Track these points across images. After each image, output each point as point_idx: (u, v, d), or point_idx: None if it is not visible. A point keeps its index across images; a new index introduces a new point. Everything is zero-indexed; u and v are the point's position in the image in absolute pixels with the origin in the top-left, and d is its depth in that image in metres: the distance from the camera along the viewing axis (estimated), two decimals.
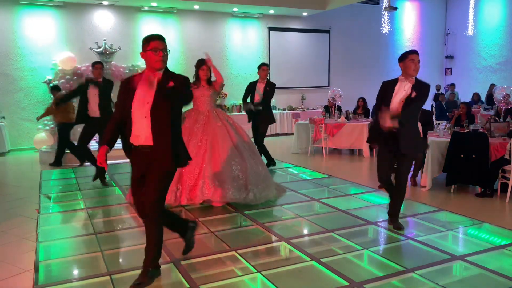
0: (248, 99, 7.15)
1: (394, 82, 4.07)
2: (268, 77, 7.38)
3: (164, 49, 2.99)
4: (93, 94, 6.02)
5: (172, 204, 4.70)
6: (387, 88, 4.08)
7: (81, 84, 6.33)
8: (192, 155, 4.29)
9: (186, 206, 4.83)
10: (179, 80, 2.99)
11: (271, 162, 7.21)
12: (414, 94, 3.88)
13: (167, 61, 3.01)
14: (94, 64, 6.15)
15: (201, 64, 5.17)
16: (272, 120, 7.21)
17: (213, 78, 5.26)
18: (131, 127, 3.00)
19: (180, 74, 3.06)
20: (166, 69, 3.03)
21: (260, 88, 7.09)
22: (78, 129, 7.37)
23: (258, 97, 7.06)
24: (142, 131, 2.96)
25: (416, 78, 3.98)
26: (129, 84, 3.04)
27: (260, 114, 7.02)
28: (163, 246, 3.74)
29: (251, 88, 7.18)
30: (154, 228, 3.06)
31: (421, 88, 3.92)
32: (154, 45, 2.96)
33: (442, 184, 5.93)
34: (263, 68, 7.14)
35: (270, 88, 7.08)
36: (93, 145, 7.60)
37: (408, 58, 3.93)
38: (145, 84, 2.99)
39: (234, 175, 4.85)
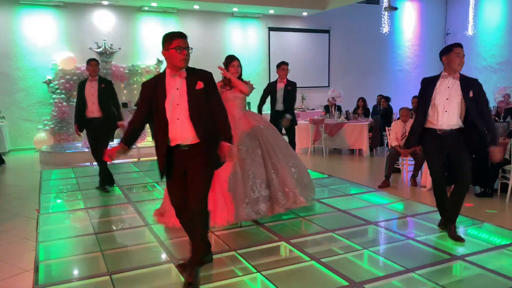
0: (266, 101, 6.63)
1: (435, 78, 3.78)
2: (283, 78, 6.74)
3: (187, 47, 2.93)
4: (89, 93, 5.67)
5: (243, 220, 4.20)
6: (428, 86, 3.80)
7: (80, 81, 5.93)
8: (246, 165, 4.26)
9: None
10: (207, 79, 2.99)
11: None
12: (471, 93, 3.65)
13: (189, 59, 2.96)
14: (89, 61, 5.82)
15: (231, 60, 4.57)
16: (295, 122, 6.73)
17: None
18: (165, 129, 2.93)
19: (204, 71, 3.04)
20: (189, 67, 2.99)
21: (280, 88, 6.62)
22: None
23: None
24: (176, 133, 2.93)
25: (460, 73, 3.74)
26: (157, 85, 2.95)
27: (285, 117, 6.51)
28: (163, 246, 3.75)
29: (270, 89, 6.69)
30: (201, 222, 3.03)
31: (470, 83, 3.69)
32: (178, 43, 2.89)
33: None
34: (283, 67, 6.64)
35: (292, 87, 6.59)
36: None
37: (453, 51, 3.66)
38: (172, 85, 2.94)
39: (295, 177, 4.50)
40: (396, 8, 12.51)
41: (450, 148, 3.82)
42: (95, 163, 6.15)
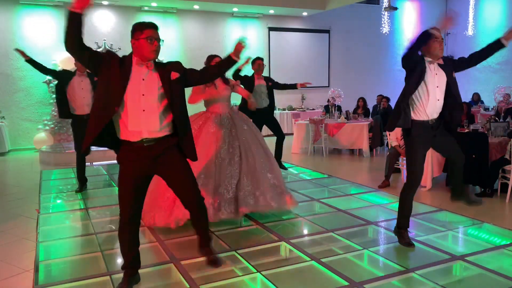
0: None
1: (421, 64, 3.52)
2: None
3: (159, 38, 2.83)
4: (79, 88, 5.45)
5: (211, 220, 3.94)
6: (414, 72, 3.54)
7: (67, 70, 5.61)
8: (223, 164, 4.23)
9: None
10: (178, 68, 2.92)
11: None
12: (454, 74, 3.53)
13: (159, 52, 2.84)
14: None
15: (213, 57, 4.57)
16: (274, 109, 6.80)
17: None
18: (124, 121, 2.75)
19: (172, 62, 2.99)
20: (155, 61, 2.88)
21: (261, 85, 6.56)
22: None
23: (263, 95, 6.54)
24: (141, 125, 2.75)
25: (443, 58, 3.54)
26: (121, 66, 2.76)
27: (269, 113, 6.61)
28: (163, 246, 3.75)
29: (247, 83, 6.41)
30: (204, 213, 3.13)
31: (449, 64, 3.54)
32: (149, 33, 2.76)
33: (442, 184, 5.93)
34: (259, 62, 6.59)
35: (272, 83, 6.68)
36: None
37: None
38: (138, 74, 2.78)
39: (271, 183, 4.39)
40: (396, 8, 12.51)
41: (435, 136, 3.61)
42: (95, 163, 6.13)
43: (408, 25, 15.11)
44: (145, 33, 2.77)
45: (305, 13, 12.85)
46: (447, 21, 3.51)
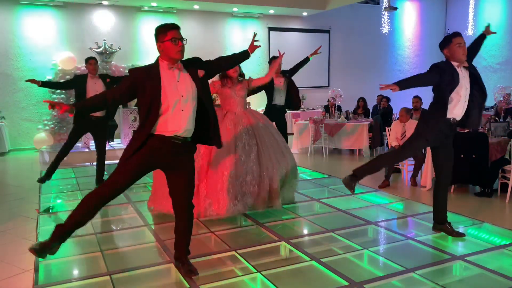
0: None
1: (452, 67, 3.68)
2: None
3: (182, 38, 2.90)
4: (93, 90, 5.52)
5: (226, 215, 4.26)
6: (448, 74, 3.67)
7: (78, 75, 5.68)
8: (240, 162, 4.36)
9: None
10: (201, 64, 3.06)
11: None
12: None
13: (184, 51, 2.93)
14: (88, 59, 5.70)
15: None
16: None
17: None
18: (156, 118, 2.84)
19: (191, 58, 3.07)
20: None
21: (279, 84, 6.50)
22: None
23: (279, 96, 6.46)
24: (180, 124, 2.88)
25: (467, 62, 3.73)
26: (150, 77, 2.86)
27: (282, 114, 6.50)
28: (163, 246, 3.75)
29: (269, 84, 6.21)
30: (191, 221, 3.15)
31: (475, 70, 3.77)
32: (173, 34, 2.86)
33: None
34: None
35: (288, 74, 6.58)
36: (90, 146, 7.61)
37: (453, 42, 3.64)
38: (172, 76, 2.89)
39: (282, 174, 4.63)
40: (396, 8, 12.51)
41: (445, 140, 3.80)
42: (95, 163, 6.13)
43: (408, 25, 15.11)
44: (169, 35, 2.86)
45: (305, 13, 12.85)
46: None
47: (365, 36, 14.22)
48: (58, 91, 10.17)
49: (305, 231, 4.28)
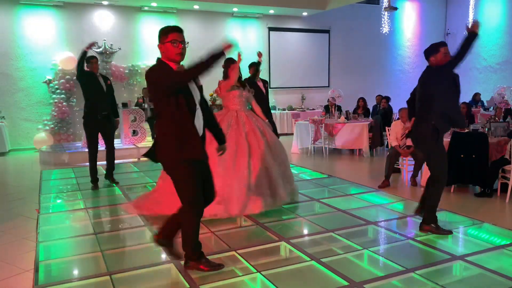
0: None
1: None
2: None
3: (183, 41, 2.93)
4: (102, 87, 5.71)
5: (222, 217, 4.27)
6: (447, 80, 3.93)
7: (88, 71, 5.69)
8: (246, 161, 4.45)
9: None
10: None
11: None
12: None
13: (185, 54, 2.96)
14: (90, 59, 5.71)
15: (231, 62, 4.75)
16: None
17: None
18: (192, 118, 2.94)
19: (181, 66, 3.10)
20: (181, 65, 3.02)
21: (261, 87, 6.77)
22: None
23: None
24: (194, 125, 2.98)
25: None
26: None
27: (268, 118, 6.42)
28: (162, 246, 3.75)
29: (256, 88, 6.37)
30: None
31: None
32: (173, 37, 2.89)
33: None
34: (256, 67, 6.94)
35: (267, 85, 7.00)
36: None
37: (440, 52, 3.84)
38: None
39: (273, 178, 4.59)
40: (396, 8, 12.51)
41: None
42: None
43: (408, 25, 15.11)
44: (169, 37, 2.90)
45: (305, 13, 12.86)
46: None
47: (365, 36, 14.22)
48: (58, 91, 10.21)
49: (305, 231, 4.28)
